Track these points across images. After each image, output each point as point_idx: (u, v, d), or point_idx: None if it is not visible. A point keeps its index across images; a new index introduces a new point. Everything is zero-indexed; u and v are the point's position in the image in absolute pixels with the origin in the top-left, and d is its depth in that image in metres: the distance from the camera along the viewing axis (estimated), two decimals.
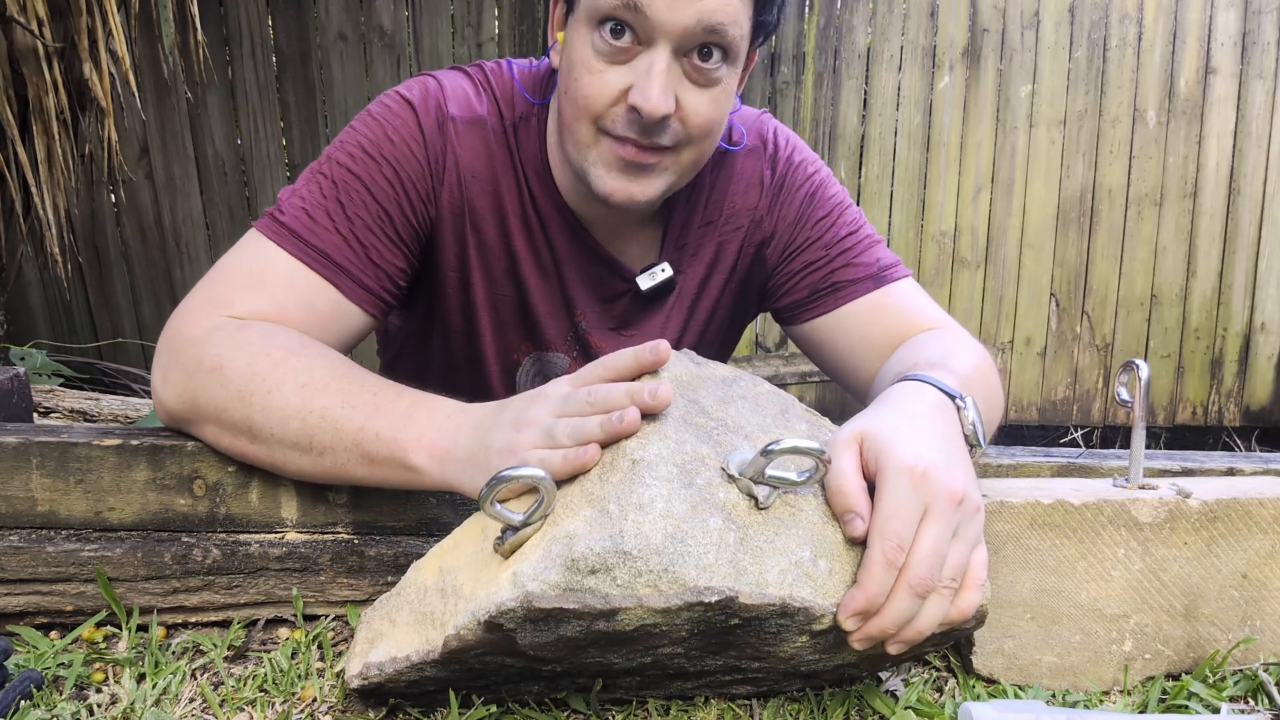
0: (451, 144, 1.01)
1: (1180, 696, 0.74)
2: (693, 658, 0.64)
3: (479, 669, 0.64)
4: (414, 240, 1.01)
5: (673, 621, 0.57)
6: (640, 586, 0.56)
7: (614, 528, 0.56)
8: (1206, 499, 0.75)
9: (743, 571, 0.58)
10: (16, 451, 0.81)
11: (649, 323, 1.16)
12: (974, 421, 0.73)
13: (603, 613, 0.56)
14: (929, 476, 0.62)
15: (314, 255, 0.92)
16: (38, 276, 3.34)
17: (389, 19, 3.39)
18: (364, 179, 0.96)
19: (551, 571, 0.56)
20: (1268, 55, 3.62)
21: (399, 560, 0.83)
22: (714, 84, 0.91)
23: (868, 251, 1.10)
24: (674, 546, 0.57)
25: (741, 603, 0.57)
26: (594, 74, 0.90)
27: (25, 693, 0.70)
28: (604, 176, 0.94)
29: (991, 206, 3.73)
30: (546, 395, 0.69)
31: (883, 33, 3.61)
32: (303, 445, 0.77)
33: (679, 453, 0.61)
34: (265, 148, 3.42)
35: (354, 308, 0.95)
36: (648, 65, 0.87)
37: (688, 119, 0.91)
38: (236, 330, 0.84)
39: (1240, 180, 3.70)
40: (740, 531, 0.60)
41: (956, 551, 0.63)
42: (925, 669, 0.79)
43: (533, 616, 0.56)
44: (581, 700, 0.71)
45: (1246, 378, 3.87)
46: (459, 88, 1.04)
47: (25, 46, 1.98)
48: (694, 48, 0.88)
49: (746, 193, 1.12)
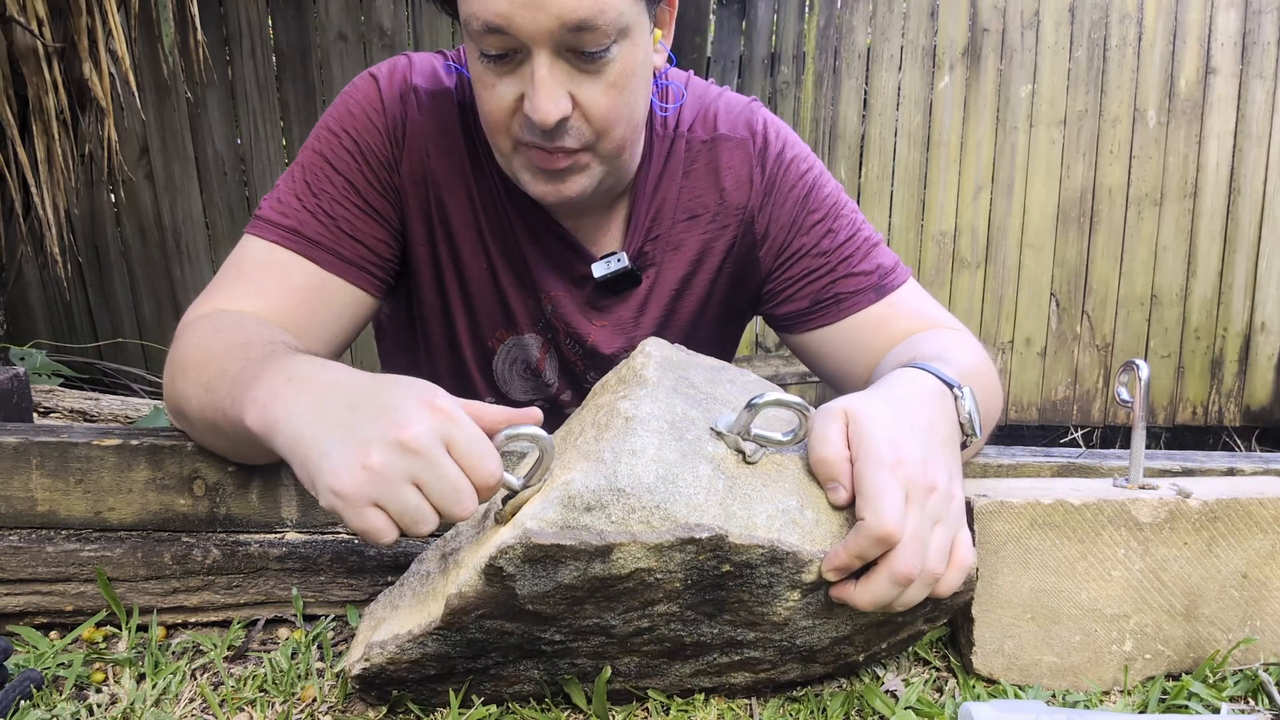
0: (412, 111, 1.01)
1: (1180, 696, 0.74)
2: (688, 621, 0.65)
3: (480, 641, 0.64)
4: (386, 209, 1.01)
5: (666, 566, 0.59)
6: (634, 523, 0.59)
7: (608, 470, 0.59)
8: (1206, 499, 0.75)
9: (732, 515, 0.61)
10: (16, 451, 0.81)
11: (621, 311, 1.12)
12: (970, 411, 0.74)
13: (599, 550, 0.58)
14: (904, 465, 0.64)
15: (285, 234, 0.94)
16: (38, 276, 3.34)
17: (389, 19, 3.39)
18: (327, 155, 0.98)
19: (549, 510, 0.58)
20: (1268, 55, 3.62)
21: (399, 560, 0.83)
22: (606, 67, 0.88)
23: (868, 258, 1.07)
24: (665, 487, 0.60)
25: (731, 542, 0.59)
26: (489, 89, 0.89)
27: (25, 693, 0.70)
28: (530, 182, 0.94)
29: (991, 206, 3.73)
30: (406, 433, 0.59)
31: (883, 33, 3.61)
32: (209, 427, 0.79)
33: (670, 412, 0.64)
34: (265, 148, 3.42)
35: (338, 281, 0.96)
36: (530, 74, 0.86)
37: (589, 113, 0.89)
38: (195, 322, 0.87)
39: (1240, 180, 3.70)
40: (729, 480, 0.62)
41: (940, 536, 0.64)
42: (925, 669, 0.79)
43: (531, 555, 0.57)
44: (583, 696, 0.71)
45: (1246, 378, 3.87)
46: (428, 63, 1.04)
47: (25, 46, 1.98)
48: (572, 45, 0.85)
49: (735, 190, 1.08)
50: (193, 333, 0.85)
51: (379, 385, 0.64)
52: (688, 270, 1.11)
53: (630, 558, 0.59)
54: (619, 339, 1.13)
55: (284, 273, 0.93)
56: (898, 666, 0.79)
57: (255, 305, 0.90)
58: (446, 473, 0.59)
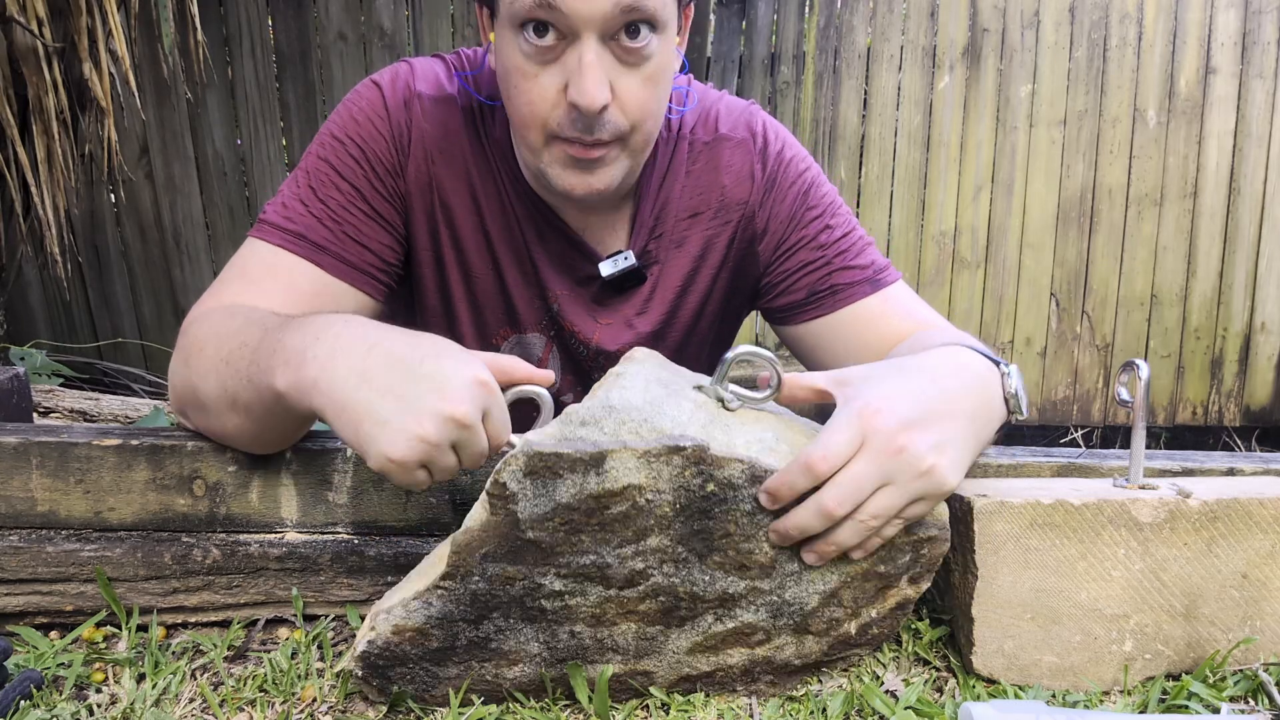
0: (416, 119, 1.01)
1: (1180, 696, 0.74)
2: (680, 562, 0.68)
3: (483, 596, 0.67)
4: (392, 215, 1.02)
5: (656, 483, 0.65)
6: (624, 434, 0.66)
7: (601, 395, 0.68)
8: (1206, 499, 0.75)
9: (712, 438, 0.67)
10: (16, 451, 0.81)
11: (625, 309, 1.14)
12: (1016, 388, 0.76)
13: (593, 458, 0.64)
14: (877, 418, 0.66)
15: (291, 239, 0.95)
16: (38, 276, 3.34)
17: (389, 19, 3.39)
18: (332, 162, 0.99)
19: (549, 428, 0.67)
20: (1268, 55, 3.61)
21: (399, 560, 0.83)
22: (646, 60, 0.90)
23: (863, 254, 1.10)
24: (652, 407, 0.67)
25: (713, 454, 0.65)
26: (529, 79, 0.89)
27: (25, 693, 0.70)
28: (561, 175, 0.94)
29: (991, 206, 3.73)
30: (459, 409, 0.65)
31: (883, 33, 3.61)
32: (228, 401, 0.78)
33: (656, 375, 0.72)
34: (265, 148, 3.42)
35: (343, 285, 0.96)
36: (577, 59, 0.86)
37: (625, 105, 0.90)
38: (205, 314, 0.87)
39: (1240, 180, 3.69)
40: (710, 415, 0.69)
41: (884, 497, 0.66)
42: (925, 669, 0.79)
43: (533, 466, 0.63)
44: (585, 686, 0.71)
45: (1246, 378, 3.87)
46: (430, 69, 1.05)
47: (25, 46, 1.98)
48: (619, 29, 0.87)
49: (736, 186, 1.11)
50: (205, 320, 0.85)
51: (418, 350, 0.68)
52: (691, 267, 1.13)
53: (622, 468, 0.64)
54: (624, 336, 1.14)
55: (289, 277, 0.94)
56: (898, 666, 0.79)
57: (260, 306, 0.90)
58: (481, 441, 0.67)
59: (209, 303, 0.91)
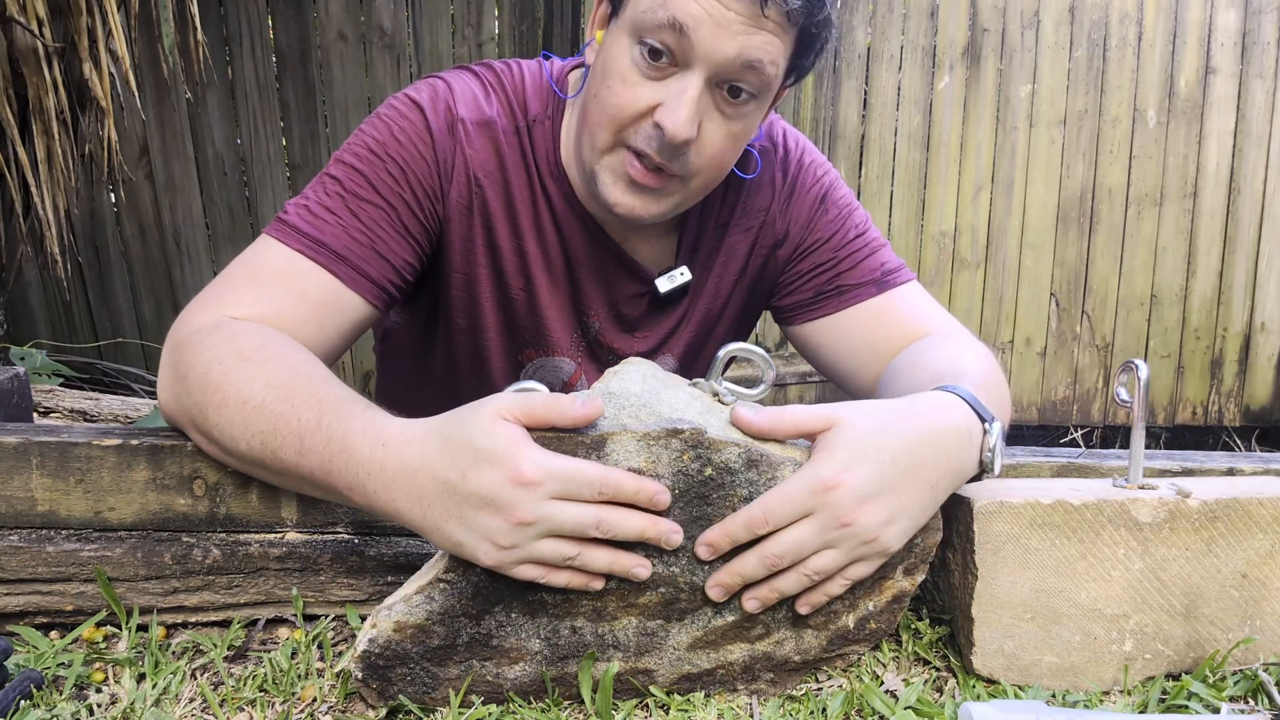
0: (461, 145, 1.01)
1: (1180, 696, 0.74)
2: (680, 551, 0.68)
3: (485, 589, 0.67)
4: (423, 235, 1.01)
5: (655, 467, 0.66)
6: (624, 417, 0.67)
7: (600, 385, 0.70)
8: (1206, 499, 0.75)
9: (709, 425, 0.68)
10: (16, 451, 0.81)
11: (662, 324, 1.16)
12: (994, 447, 0.75)
13: (595, 441, 0.65)
14: (832, 494, 0.66)
15: (311, 244, 0.93)
16: (38, 276, 3.34)
17: (389, 19, 3.39)
18: (368, 175, 0.97)
19: None
20: (1268, 55, 3.62)
21: (399, 560, 0.83)
22: (738, 119, 0.92)
23: (873, 255, 1.11)
24: (651, 395, 0.69)
25: (710, 437, 0.66)
26: (628, 85, 0.90)
27: (25, 693, 0.70)
28: (611, 186, 0.95)
29: (991, 206, 3.73)
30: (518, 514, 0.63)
31: (883, 33, 3.61)
32: (257, 465, 0.77)
33: (652, 374, 0.73)
34: (265, 148, 3.41)
35: (355, 297, 0.95)
36: (680, 88, 0.87)
37: (704, 149, 0.92)
38: (208, 334, 0.83)
39: (1240, 180, 3.70)
40: (706, 405, 0.71)
41: (825, 558, 0.67)
42: (925, 669, 0.79)
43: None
44: (589, 683, 0.71)
45: (1246, 378, 3.87)
46: (467, 89, 1.04)
47: (25, 46, 1.98)
48: (728, 81, 0.88)
49: (757, 194, 1.12)
50: (210, 350, 0.80)
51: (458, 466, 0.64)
52: (717, 275, 1.15)
53: (623, 450, 0.65)
54: (661, 350, 1.18)
55: (301, 283, 0.91)
56: (898, 666, 0.79)
57: (264, 312, 0.88)
58: (565, 518, 0.63)
59: (210, 309, 0.87)
